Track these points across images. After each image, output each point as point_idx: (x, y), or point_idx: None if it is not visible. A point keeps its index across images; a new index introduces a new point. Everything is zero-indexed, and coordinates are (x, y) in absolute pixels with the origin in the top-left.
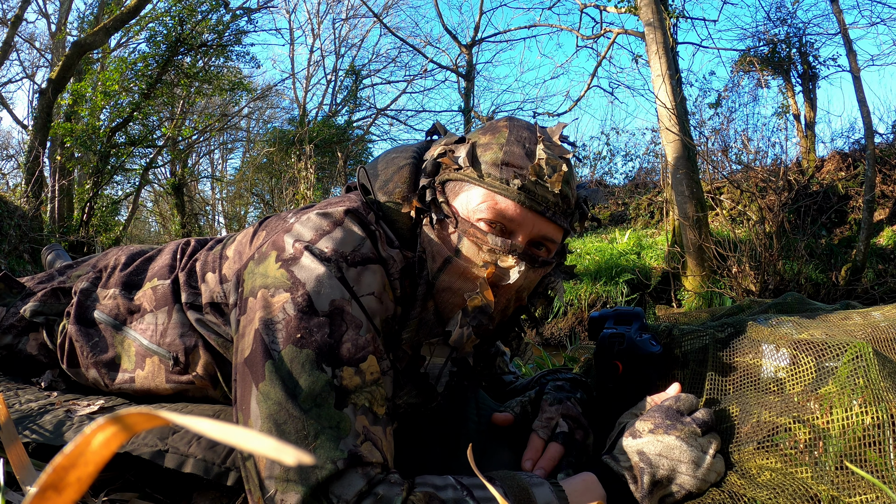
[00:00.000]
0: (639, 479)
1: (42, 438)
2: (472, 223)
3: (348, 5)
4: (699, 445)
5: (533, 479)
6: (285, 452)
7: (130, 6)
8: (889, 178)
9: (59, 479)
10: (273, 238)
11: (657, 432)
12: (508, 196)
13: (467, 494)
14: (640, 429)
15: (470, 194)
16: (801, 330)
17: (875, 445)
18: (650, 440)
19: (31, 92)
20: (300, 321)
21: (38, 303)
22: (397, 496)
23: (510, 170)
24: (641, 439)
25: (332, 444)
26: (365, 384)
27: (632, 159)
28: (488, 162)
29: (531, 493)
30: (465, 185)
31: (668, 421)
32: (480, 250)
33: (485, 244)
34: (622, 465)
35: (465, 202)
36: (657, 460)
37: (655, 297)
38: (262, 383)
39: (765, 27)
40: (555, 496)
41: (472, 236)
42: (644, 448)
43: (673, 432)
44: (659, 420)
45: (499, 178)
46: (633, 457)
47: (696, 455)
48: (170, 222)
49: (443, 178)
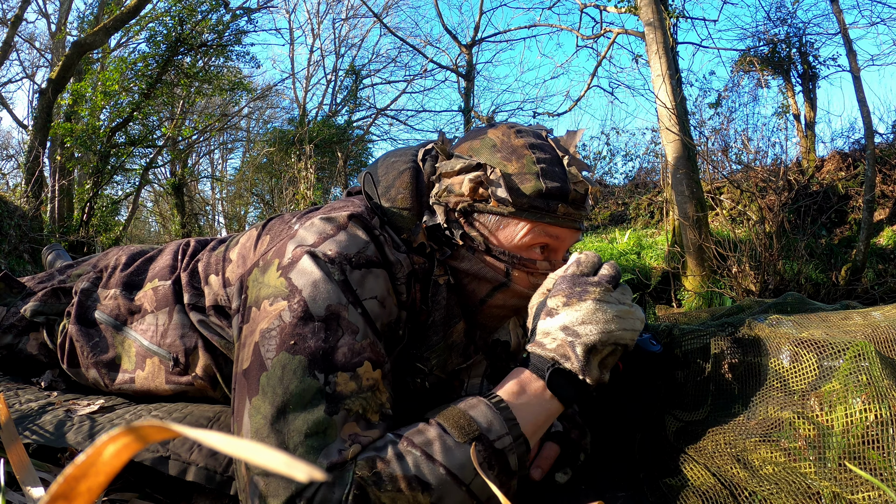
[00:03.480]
0: (571, 354)
1: (43, 440)
2: (521, 256)
3: (348, 5)
4: (616, 300)
5: (467, 401)
6: (296, 468)
7: (130, 6)
8: (889, 178)
9: (69, 489)
10: (277, 245)
11: (572, 303)
12: (555, 222)
13: (408, 444)
14: (553, 306)
15: (515, 228)
16: (801, 329)
17: (877, 443)
18: (568, 313)
19: (31, 92)
20: (294, 328)
21: (38, 302)
22: (347, 472)
23: (555, 201)
24: (559, 315)
25: (312, 455)
26: (361, 390)
27: (632, 159)
28: (531, 193)
29: (469, 416)
30: (510, 221)
31: (578, 288)
32: (531, 275)
33: (535, 271)
34: (548, 348)
35: (509, 236)
36: (583, 329)
37: (655, 296)
38: (255, 397)
39: (765, 27)
40: (492, 410)
41: (522, 266)
42: (565, 322)
43: (587, 297)
44: (568, 290)
45: (545, 209)
46: (558, 334)
47: (619, 309)
48: (170, 222)
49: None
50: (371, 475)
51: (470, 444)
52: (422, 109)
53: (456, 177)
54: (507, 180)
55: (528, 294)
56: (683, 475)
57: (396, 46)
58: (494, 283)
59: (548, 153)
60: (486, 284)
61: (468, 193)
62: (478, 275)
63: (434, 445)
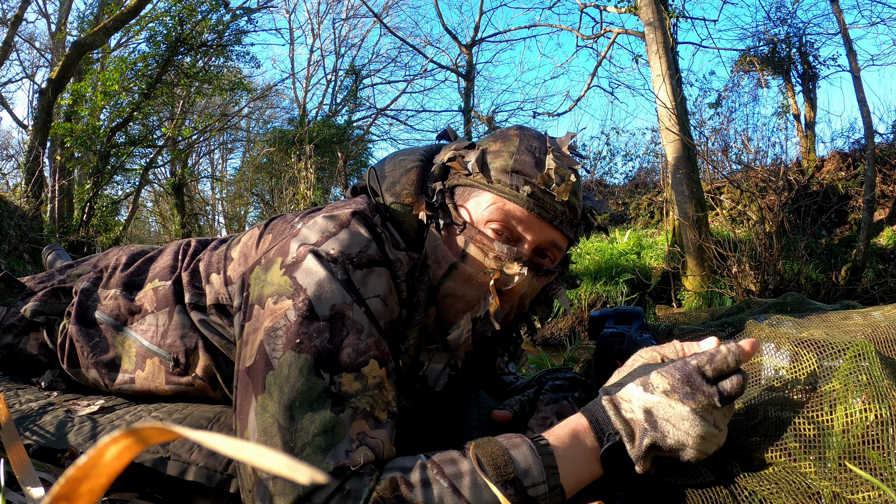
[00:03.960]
0: (637, 440)
1: (43, 441)
2: (480, 229)
3: (348, 5)
4: (713, 420)
5: (511, 440)
6: (298, 471)
7: (130, 6)
8: (889, 178)
9: (71, 490)
10: (280, 244)
11: (672, 396)
12: (517, 202)
13: (437, 472)
14: (654, 382)
15: (479, 199)
16: (801, 329)
17: (877, 443)
18: (662, 401)
19: (31, 92)
20: (300, 326)
21: (38, 302)
22: (365, 487)
23: (520, 177)
24: (652, 397)
25: (320, 455)
26: (366, 388)
27: (632, 159)
28: (498, 168)
29: (508, 456)
30: (475, 191)
31: (688, 388)
32: (486, 256)
33: (491, 250)
34: (623, 416)
35: (473, 207)
36: (663, 426)
37: (655, 297)
38: (262, 395)
39: (765, 27)
40: (535, 455)
41: (479, 242)
42: (653, 408)
43: (689, 403)
44: (679, 382)
45: (508, 184)
46: (638, 413)
47: (706, 430)
48: (170, 222)
49: (452, 182)
50: (391, 497)
51: (503, 485)
52: (422, 109)
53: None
54: (481, 155)
55: (477, 280)
56: (683, 474)
57: (396, 46)
58: (448, 263)
59: (535, 144)
60: (442, 266)
61: (445, 160)
62: (435, 253)
63: (464, 480)
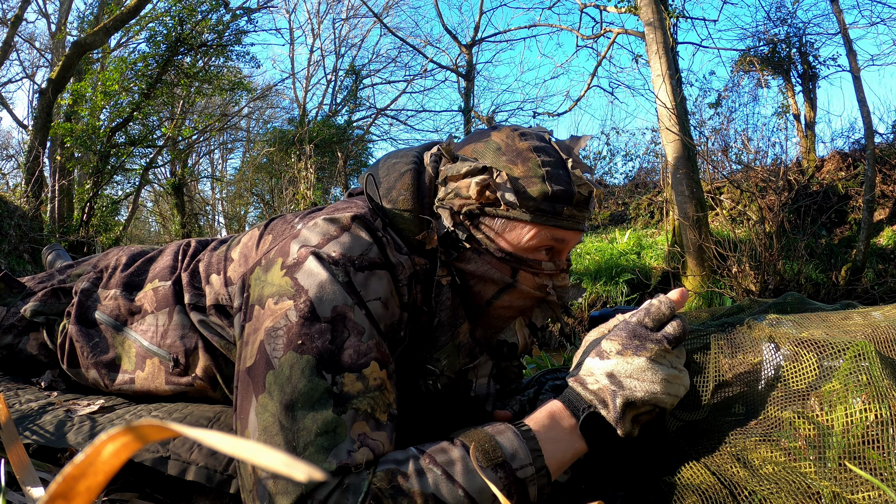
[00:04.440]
0: (610, 403)
1: (43, 440)
2: (526, 258)
3: (348, 5)
4: (669, 362)
5: (495, 426)
6: (296, 468)
7: (130, 6)
8: (889, 178)
9: (68, 488)
10: (280, 244)
11: (626, 353)
12: (560, 224)
13: (430, 462)
14: (606, 349)
15: (521, 231)
16: (801, 329)
17: (877, 443)
18: (619, 362)
19: (31, 92)
20: (301, 327)
21: (38, 302)
22: (364, 481)
23: (560, 204)
24: (609, 361)
25: (322, 454)
26: (368, 390)
27: (632, 159)
28: (537, 197)
29: (495, 441)
30: (516, 224)
31: (637, 341)
32: (537, 276)
33: (540, 271)
34: (589, 389)
35: (514, 239)
36: (628, 382)
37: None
38: (262, 395)
39: (765, 27)
40: (519, 438)
41: (528, 268)
42: (613, 370)
43: (643, 353)
44: (626, 339)
45: (550, 211)
46: (603, 379)
47: (668, 373)
48: (170, 222)
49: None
50: (389, 487)
51: (492, 469)
52: (422, 109)
53: (462, 180)
54: (513, 184)
55: (533, 295)
56: (683, 474)
57: (396, 46)
58: (501, 284)
59: (552, 156)
60: (492, 286)
61: (475, 197)
62: (484, 276)
63: (456, 466)
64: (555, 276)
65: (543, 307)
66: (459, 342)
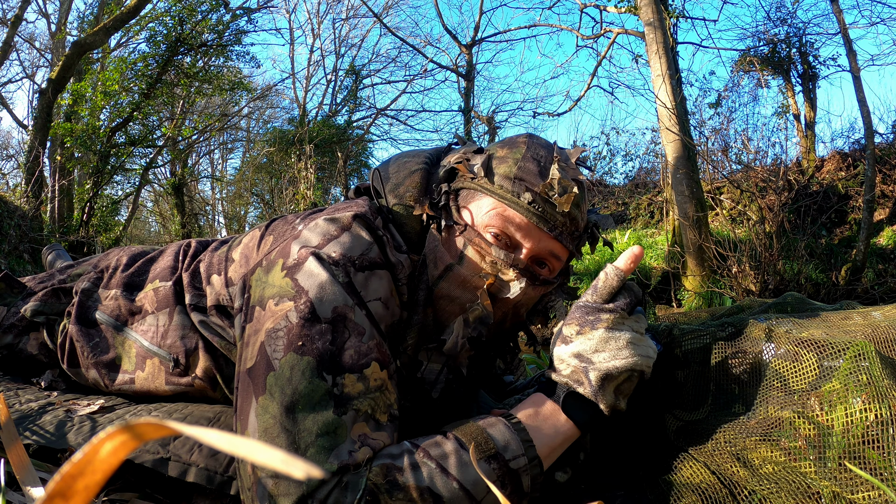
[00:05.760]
0: (584, 380)
1: (43, 441)
2: (479, 232)
3: (348, 5)
4: (630, 327)
5: (486, 419)
6: (294, 466)
7: (130, 6)
8: (889, 178)
9: (66, 486)
10: (281, 245)
11: (584, 331)
12: (517, 209)
13: (424, 455)
14: (567, 333)
15: (480, 203)
16: (801, 329)
17: (877, 443)
18: (581, 340)
19: (31, 92)
20: (302, 329)
21: (38, 302)
22: (361, 478)
23: (522, 184)
24: (573, 343)
25: (324, 455)
26: (368, 391)
27: (632, 159)
28: (502, 174)
29: (487, 434)
30: (477, 195)
31: (590, 317)
32: (483, 260)
33: (488, 255)
34: (563, 374)
35: (475, 210)
36: (596, 357)
37: (655, 297)
38: (262, 396)
39: (765, 27)
40: (510, 430)
41: (477, 245)
42: (579, 351)
43: (599, 325)
44: (581, 318)
45: (510, 190)
46: (572, 360)
47: (631, 336)
48: (170, 222)
49: (457, 185)
50: (384, 482)
51: (486, 461)
52: (422, 109)
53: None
54: (487, 159)
55: (472, 284)
56: (683, 474)
57: (396, 46)
58: (444, 264)
59: (540, 154)
60: (439, 266)
61: (451, 162)
62: (434, 253)
63: (450, 459)
64: (502, 265)
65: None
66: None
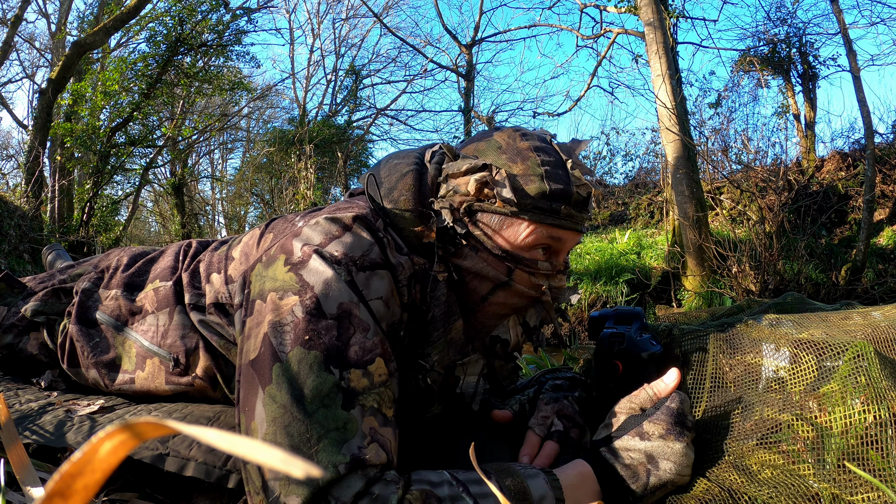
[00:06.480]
0: (642, 479)
1: (43, 440)
2: (524, 256)
3: (348, 5)
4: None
5: (528, 470)
6: (293, 464)
7: (130, 6)
8: (889, 178)
9: (66, 486)
10: (282, 241)
11: (668, 438)
12: (558, 226)
13: (463, 490)
14: (649, 431)
15: (518, 228)
16: (801, 330)
17: (876, 444)
18: (660, 445)
19: (31, 92)
20: (308, 323)
21: (39, 302)
22: (393, 494)
23: (558, 203)
24: (650, 442)
25: (335, 447)
26: (373, 386)
27: (632, 159)
28: (535, 195)
29: (526, 485)
30: (513, 221)
31: (678, 428)
32: (533, 276)
33: (536, 271)
34: (622, 462)
35: (511, 235)
36: (665, 465)
37: (655, 297)
38: (269, 386)
39: (765, 27)
40: (549, 487)
41: (524, 267)
42: (654, 452)
43: (683, 439)
44: (669, 426)
45: (548, 210)
46: (640, 457)
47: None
48: (170, 222)
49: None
50: None
51: None
52: (422, 109)
53: (462, 177)
54: (512, 181)
55: (528, 294)
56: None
57: (396, 46)
58: (496, 281)
59: (552, 156)
60: (487, 283)
61: (473, 192)
62: (480, 273)
63: (488, 501)
64: (551, 276)
65: (538, 307)
66: (451, 338)
